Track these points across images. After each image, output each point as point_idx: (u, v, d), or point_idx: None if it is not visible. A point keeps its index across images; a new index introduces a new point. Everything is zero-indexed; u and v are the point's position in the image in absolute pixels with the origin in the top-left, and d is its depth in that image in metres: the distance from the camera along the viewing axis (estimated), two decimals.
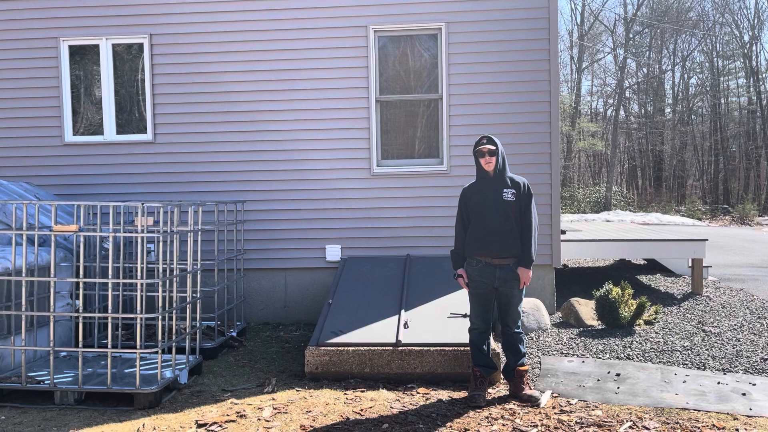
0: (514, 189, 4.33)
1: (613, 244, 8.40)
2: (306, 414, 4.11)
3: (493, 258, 4.32)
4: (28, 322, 4.76)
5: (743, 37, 36.94)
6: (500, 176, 4.38)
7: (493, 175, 4.37)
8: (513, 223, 4.30)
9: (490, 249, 4.32)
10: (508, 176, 4.40)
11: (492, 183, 4.37)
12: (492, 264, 4.33)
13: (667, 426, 3.88)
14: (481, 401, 4.27)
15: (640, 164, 39.26)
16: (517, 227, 4.32)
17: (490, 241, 4.31)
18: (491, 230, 4.31)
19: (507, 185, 4.34)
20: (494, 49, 6.88)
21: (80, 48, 7.19)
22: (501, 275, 4.32)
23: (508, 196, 4.30)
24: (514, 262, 4.34)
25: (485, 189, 4.39)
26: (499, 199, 4.31)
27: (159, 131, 7.09)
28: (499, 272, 4.32)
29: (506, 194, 4.30)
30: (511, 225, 4.30)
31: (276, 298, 7.10)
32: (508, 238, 4.29)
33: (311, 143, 7.00)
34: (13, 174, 7.11)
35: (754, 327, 6.39)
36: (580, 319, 6.51)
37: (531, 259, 4.31)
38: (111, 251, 4.38)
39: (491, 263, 4.33)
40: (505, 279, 4.33)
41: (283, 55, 6.97)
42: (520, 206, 4.32)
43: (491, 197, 4.34)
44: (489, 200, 4.34)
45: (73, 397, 4.32)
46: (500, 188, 4.33)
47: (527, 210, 4.33)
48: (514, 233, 4.31)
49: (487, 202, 4.34)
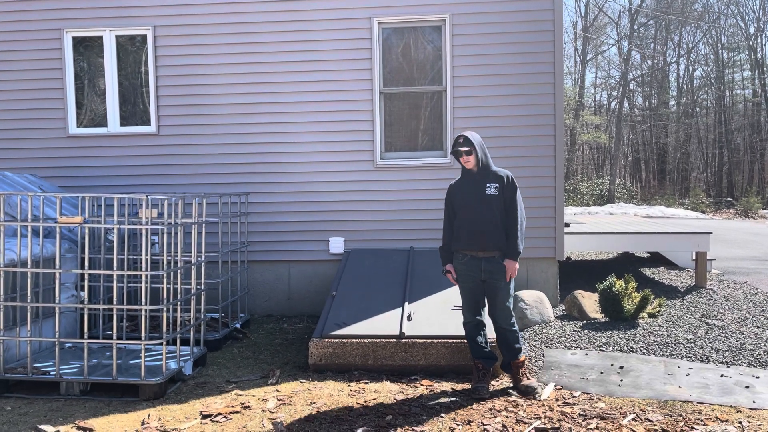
0: (497, 183, 4.40)
1: (616, 237, 8.39)
2: (310, 405, 4.12)
3: (478, 251, 4.39)
4: (34, 313, 4.78)
5: (748, 29, 36.72)
6: (483, 171, 4.45)
7: (476, 170, 4.45)
8: (497, 217, 4.37)
9: (475, 243, 4.39)
10: (492, 170, 4.46)
11: (476, 178, 4.46)
12: (478, 257, 4.40)
13: (670, 418, 3.89)
14: (485, 393, 4.29)
15: (643, 157, 39.13)
16: (502, 220, 4.38)
17: (475, 235, 4.38)
18: (476, 224, 4.39)
19: (490, 179, 4.41)
20: (498, 41, 6.85)
21: (84, 40, 7.18)
22: (487, 267, 4.38)
23: (492, 190, 4.38)
24: (500, 255, 4.38)
25: (469, 184, 4.47)
26: (483, 193, 4.39)
27: (163, 123, 7.09)
28: (485, 265, 4.38)
29: (489, 188, 4.38)
30: (496, 218, 4.36)
31: (280, 290, 7.12)
32: (493, 232, 4.36)
33: (315, 135, 6.99)
34: (18, 166, 7.12)
35: (758, 320, 6.39)
36: (584, 312, 6.51)
37: (517, 252, 4.36)
38: (115, 243, 4.39)
39: (477, 256, 4.40)
40: (491, 271, 4.38)
41: (287, 47, 6.96)
42: (504, 199, 4.39)
43: (475, 192, 4.42)
44: (473, 195, 4.42)
45: (78, 387, 4.35)
46: (484, 183, 4.41)
47: (512, 203, 4.38)
48: (499, 226, 4.37)
49: (472, 197, 4.42)
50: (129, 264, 5.88)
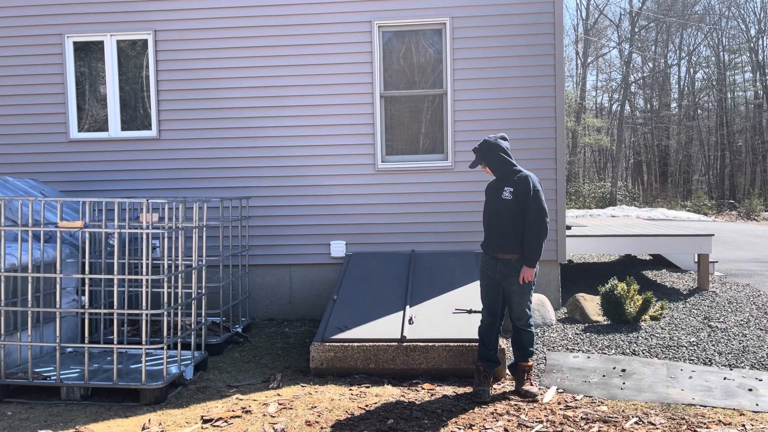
0: (512, 188, 4.42)
1: (618, 240, 8.37)
2: (311, 410, 4.11)
3: (495, 253, 4.47)
4: (34, 318, 4.78)
5: (750, 31, 36.73)
6: (503, 175, 4.52)
7: (498, 175, 4.53)
8: (510, 221, 4.40)
9: (491, 244, 4.51)
10: (512, 173, 4.49)
11: (499, 181, 4.55)
12: (495, 258, 4.48)
13: (673, 422, 3.87)
14: (486, 397, 4.28)
15: (645, 159, 39.11)
16: (515, 225, 4.40)
17: (491, 238, 4.51)
18: (492, 227, 4.51)
19: (508, 183, 4.46)
20: (499, 44, 6.85)
21: (85, 44, 7.19)
22: (501, 269, 4.44)
23: (506, 194, 4.43)
24: (516, 258, 4.41)
25: (494, 187, 4.59)
26: (500, 197, 4.46)
27: (164, 127, 7.09)
28: (500, 266, 4.45)
29: (505, 193, 4.44)
30: (508, 223, 4.40)
31: (281, 294, 7.11)
32: (505, 235, 4.42)
33: (316, 139, 6.99)
34: (19, 171, 7.12)
35: (761, 322, 6.37)
36: (586, 315, 6.49)
37: (531, 257, 4.36)
38: (116, 247, 4.39)
39: (495, 257, 4.48)
40: (504, 274, 4.43)
41: (288, 50, 6.96)
42: (518, 204, 4.39)
43: (495, 195, 4.52)
44: (494, 198, 4.54)
45: (79, 392, 4.34)
46: (502, 187, 4.48)
47: (527, 208, 4.38)
48: (509, 231, 4.40)
49: (493, 200, 4.55)
50: (130, 268, 5.88)
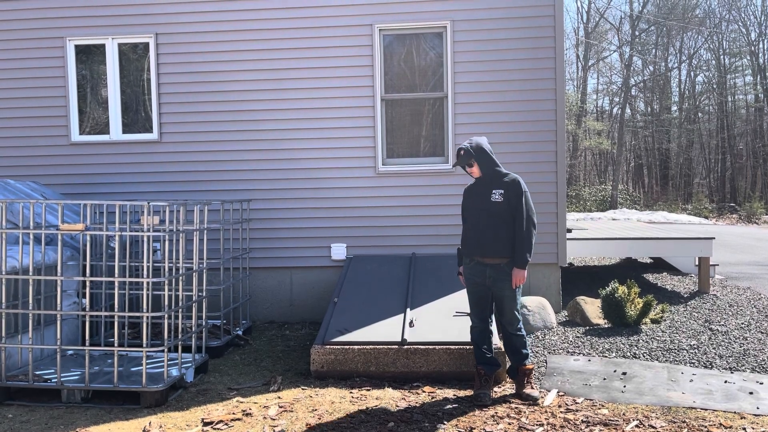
0: (502, 189, 4.35)
1: (619, 243, 8.37)
2: (312, 412, 4.11)
3: (483, 257, 4.37)
4: (35, 320, 4.78)
5: (750, 35, 36.74)
6: (491, 177, 4.42)
7: (483, 177, 4.43)
8: (501, 224, 4.32)
9: (479, 249, 4.37)
10: (500, 175, 4.41)
11: (484, 183, 4.44)
12: (484, 263, 4.38)
13: (674, 425, 3.86)
14: (487, 400, 4.27)
15: (646, 162, 39.10)
16: (506, 228, 4.32)
17: (479, 242, 4.37)
18: (479, 231, 4.37)
19: (496, 185, 4.37)
20: (500, 48, 6.86)
21: (86, 48, 7.21)
22: (491, 274, 4.36)
23: (496, 197, 4.34)
24: (506, 262, 4.35)
25: (478, 189, 4.47)
26: (488, 200, 4.36)
27: (165, 130, 7.10)
28: (490, 271, 4.36)
29: (494, 195, 4.34)
30: (499, 226, 4.32)
31: (281, 297, 7.11)
32: (495, 239, 4.32)
33: (317, 142, 7.00)
34: (20, 173, 7.14)
35: (762, 325, 6.36)
36: (586, 318, 6.49)
37: (524, 260, 4.30)
38: (117, 250, 4.40)
39: (483, 262, 4.38)
40: (495, 278, 4.36)
41: (289, 54, 6.97)
42: (510, 206, 4.32)
43: (481, 198, 4.41)
44: (479, 201, 4.41)
45: (79, 395, 4.34)
46: (490, 189, 4.38)
47: (518, 210, 4.32)
48: (501, 234, 4.32)
49: (478, 203, 4.42)
50: (131, 271, 5.88)
